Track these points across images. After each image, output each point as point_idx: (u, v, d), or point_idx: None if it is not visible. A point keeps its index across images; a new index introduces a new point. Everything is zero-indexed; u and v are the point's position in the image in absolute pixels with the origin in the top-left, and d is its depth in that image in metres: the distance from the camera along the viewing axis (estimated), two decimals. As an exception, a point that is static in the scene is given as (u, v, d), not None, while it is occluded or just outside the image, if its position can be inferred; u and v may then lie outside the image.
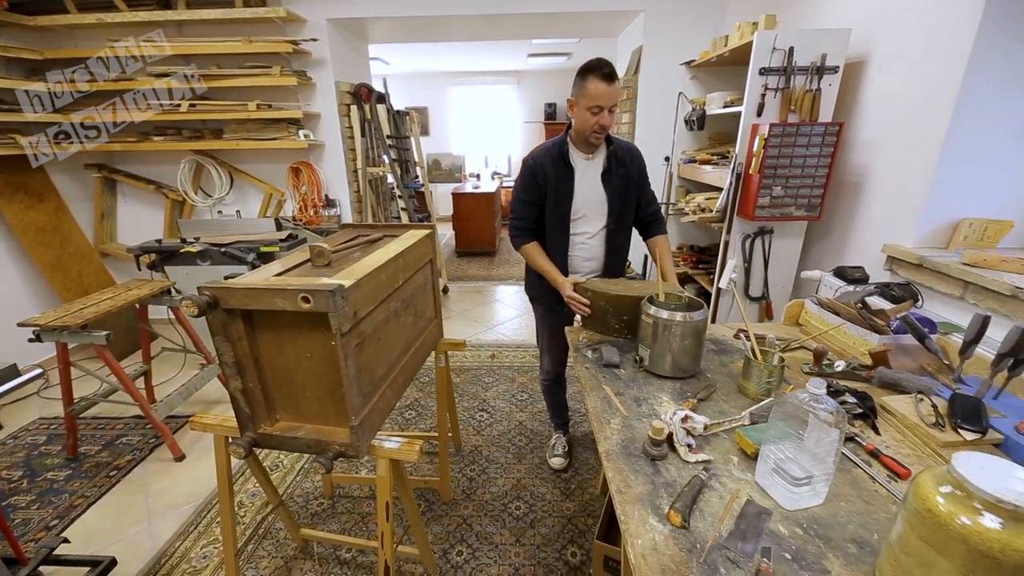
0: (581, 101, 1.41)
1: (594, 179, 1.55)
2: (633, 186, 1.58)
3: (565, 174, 1.54)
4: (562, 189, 1.55)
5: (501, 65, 6.62)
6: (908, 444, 0.99)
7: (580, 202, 1.56)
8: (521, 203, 1.60)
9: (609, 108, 1.40)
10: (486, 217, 5.46)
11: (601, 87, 1.36)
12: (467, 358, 3.02)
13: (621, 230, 1.62)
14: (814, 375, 1.26)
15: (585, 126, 1.45)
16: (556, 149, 1.55)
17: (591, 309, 1.48)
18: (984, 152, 1.50)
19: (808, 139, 1.80)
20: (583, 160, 1.55)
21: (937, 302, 1.52)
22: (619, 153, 1.55)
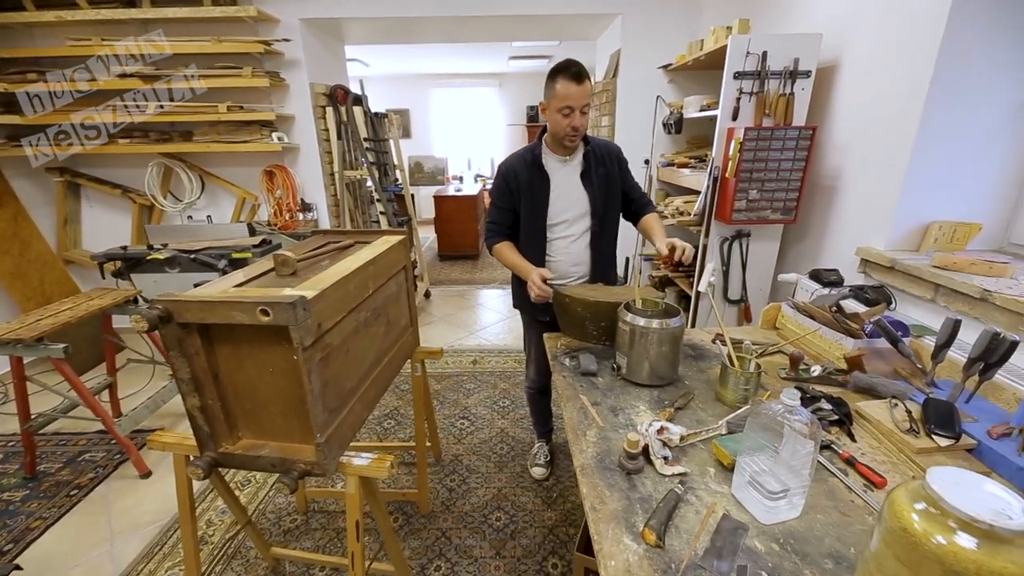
0: (552, 103, 1.39)
1: (573, 181, 1.52)
2: (616, 184, 1.56)
3: (540, 180, 1.51)
4: (537, 195, 1.52)
5: (483, 68, 6.60)
6: (883, 450, 0.98)
7: (560, 207, 1.53)
8: (496, 209, 1.59)
9: (580, 109, 1.37)
10: (468, 220, 5.42)
11: (571, 88, 1.34)
12: (448, 364, 2.97)
13: (606, 231, 1.59)
14: (790, 380, 1.25)
15: (558, 128, 1.42)
16: (529, 155, 1.52)
17: (569, 316, 1.46)
18: (952, 155, 1.52)
19: (783, 143, 1.81)
20: (559, 163, 1.53)
21: (909, 304, 1.53)
22: (597, 152, 1.53)
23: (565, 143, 1.46)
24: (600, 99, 3.28)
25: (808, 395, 1.13)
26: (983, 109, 1.47)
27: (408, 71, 6.79)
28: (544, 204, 1.52)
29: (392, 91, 7.15)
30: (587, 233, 1.57)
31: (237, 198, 3.22)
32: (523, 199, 1.53)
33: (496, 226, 1.59)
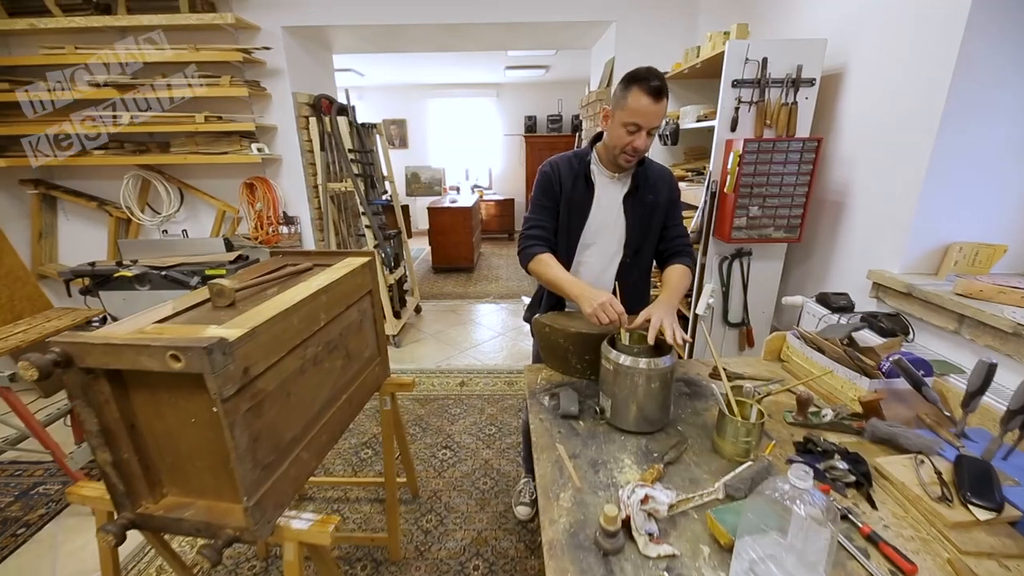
0: (618, 114, 1.21)
1: (615, 201, 1.34)
2: (660, 216, 1.37)
3: (583, 191, 1.34)
4: (576, 207, 1.35)
5: (479, 78, 6.53)
6: (910, 522, 0.83)
7: (594, 226, 1.36)
8: (539, 207, 1.37)
9: (649, 129, 1.19)
10: (463, 231, 5.29)
11: (644, 102, 1.14)
12: (434, 387, 2.82)
13: (637, 265, 1.40)
14: (798, 426, 1.10)
15: (617, 143, 1.24)
16: (577, 161, 1.35)
17: (550, 346, 1.32)
18: (972, 171, 1.38)
19: (785, 156, 1.68)
20: (606, 179, 1.35)
21: (929, 335, 1.38)
22: (649, 176, 1.35)
23: (620, 162, 1.27)
24: (595, 109, 3.17)
25: (819, 448, 0.97)
26: (1006, 121, 1.33)
27: (405, 81, 6.73)
28: (582, 219, 1.36)
29: (389, 101, 7.09)
30: (616, 263, 1.40)
31: (217, 211, 3.10)
32: (562, 206, 1.36)
33: (539, 229, 1.35)
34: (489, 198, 7.19)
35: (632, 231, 1.34)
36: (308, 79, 3.09)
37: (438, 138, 7.38)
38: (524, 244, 1.36)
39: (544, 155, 7.07)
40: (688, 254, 1.41)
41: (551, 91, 6.87)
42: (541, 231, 1.35)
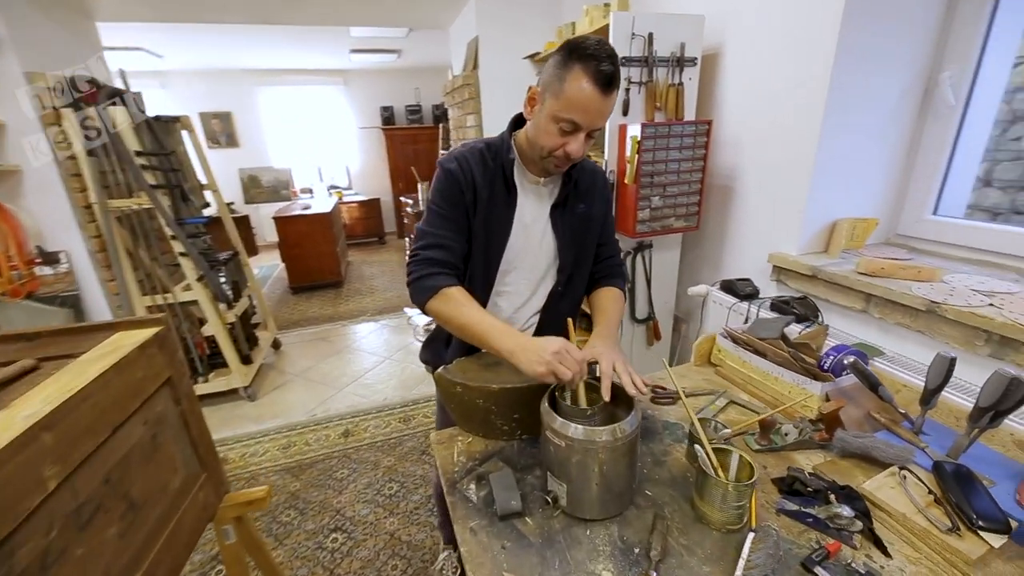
0: (550, 103, 0.86)
1: (541, 213, 1.03)
2: (595, 230, 1.09)
3: (503, 198, 1.00)
4: (495, 220, 1.00)
5: (321, 63, 5.69)
6: (928, 564, 0.70)
7: (517, 245, 1.03)
8: (440, 219, 0.98)
9: (589, 131, 0.88)
10: (324, 241, 4.56)
11: (588, 92, 0.81)
12: (310, 445, 2.26)
13: (569, 294, 1.11)
14: (765, 452, 0.95)
15: (544, 144, 0.90)
16: (493, 156, 0.99)
17: (464, 409, 0.98)
18: (851, 149, 1.41)
19: (680, 140, 1.57)
20: (529, 184, 1.02)
21: (836, 316, 1.39)
22: (580, 181, 1.04)
23: (546, 167, 0.95)
24: (462, 95, 2.84)
25: (809, 488, 0.82)
26: (876, 98, 1.37)
27: (226, 66, 5.54)
28: (502, 237, 1.01)
29: (207, 91, 5.79)
30: (546, 291, 1.09)
31: (-88, 255, 2.02)
32: (476, 220, 0.99)
33: (440, 251, 0.96)
34: (351, 199, 6.42)
35: (565, 251, 1.05)
36: (54, 56, 2.17)
37: (278, 133, 6.30)
38: (418, 270, 0.95)
39: (406, 149, 6.53)
40: (621, 275, 1.18)
41: (407, 79, 6.34)
42: (444, 253, 0.97)
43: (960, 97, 1.36)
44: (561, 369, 0.78)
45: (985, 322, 0.99)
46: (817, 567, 0.68)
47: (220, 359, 2.64)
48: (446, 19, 3.02)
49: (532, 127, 0.94)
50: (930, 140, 1.44)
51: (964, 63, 1.34)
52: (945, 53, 1.36)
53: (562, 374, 0.79)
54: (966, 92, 1.36)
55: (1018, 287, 1.11)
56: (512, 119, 1.03)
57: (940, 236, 1.44)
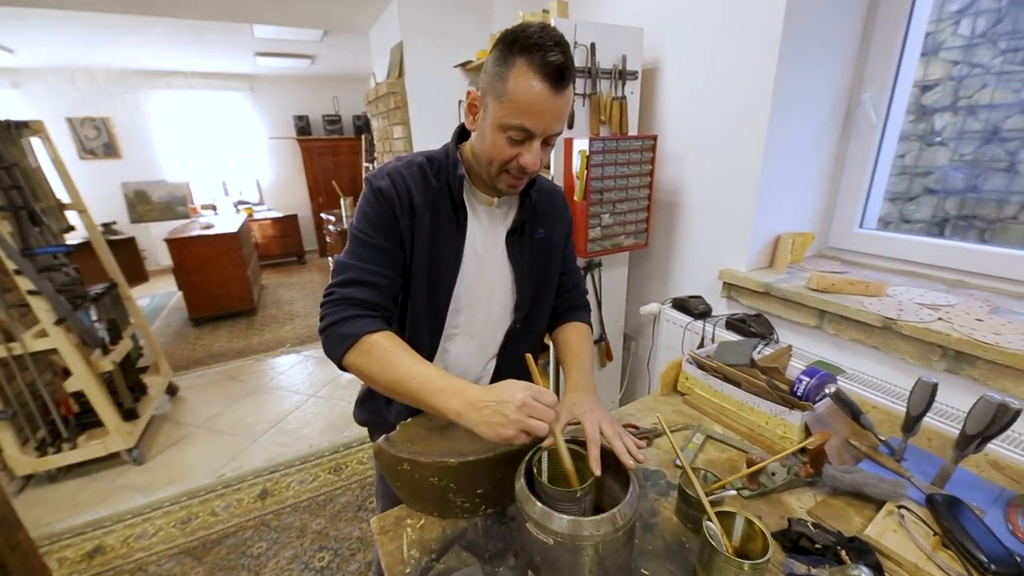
0: (494, 109, 0.71)
1: (495, 241, 0.88)
2: (557, 259, 0.95)
3: (450, 224, 0.83)
4: (441, 251, 0.83)
5: (221, 66, 5.11)
6: (952, 625, 0.63)
7: (468, 279, 0.86)
8: (366, 247, 0.79)
9: (545, 137, 0.73)
10: (231, 264, 4.02)
11: (536, 89, 0.67)
12: (217, 515, 1.88)
13: (528, 333, 0.96)
14: (756, 498, 0.87)
15: (493, 157, 0.75)
16: (436, 172, 0.82)
17: (415, 488, 0.78)
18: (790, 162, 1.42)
19: (628, 155, 1.50)
20: (481, 205, 0.86)
21: (789, 332, 1.38)
22: (540, 201, 0.90)
23: (498, 185, 0.79)
24: (387, 104, 2.62)
25: (817, 545, 0.74)
26: (808, 117, 1.40)
27: (101, 64, 4.76)
28: (452, 270, 0.84)
29: (76, 92, 4.94)
30: (503, 332, 0.93)
31: None
32: (417, 251, 0.81)
33: (363, 289, 0.77)
34: (263, 216, 5.82)
35: (523, 284, 0.90)
36: None
37: (171, 143, 5.56)
38: (333, 314, 0.75)
39: (325, 161, 6.06)
40: (586, 306, 1.06)
41: (323, 87, 5.91)
42: (369, 291, 0.78)
43: (880, 116, 1.43)
44: (533, 424, 0.62)
45: (941, 338, 0.99)
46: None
47: (94, 417, 2.15)
48: (364, 22, 2.79)
49: (477, 139, 0.79)
50: (854, 157, 1.50)
51: (882, 84, 1.40)
52: (865, 75, 1.42)
53: (535, 429, 0.62)
54: (884, 112, 1.43)
55: (954, 298, 1.15)
56: (456, 130, 0.86)
57: (867, 248, 1.50)
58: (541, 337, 1.02)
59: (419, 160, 0.83)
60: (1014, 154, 1.29)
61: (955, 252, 1.31)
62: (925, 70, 1.40)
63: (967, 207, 1.39)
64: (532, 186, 0.87)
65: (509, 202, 0.89)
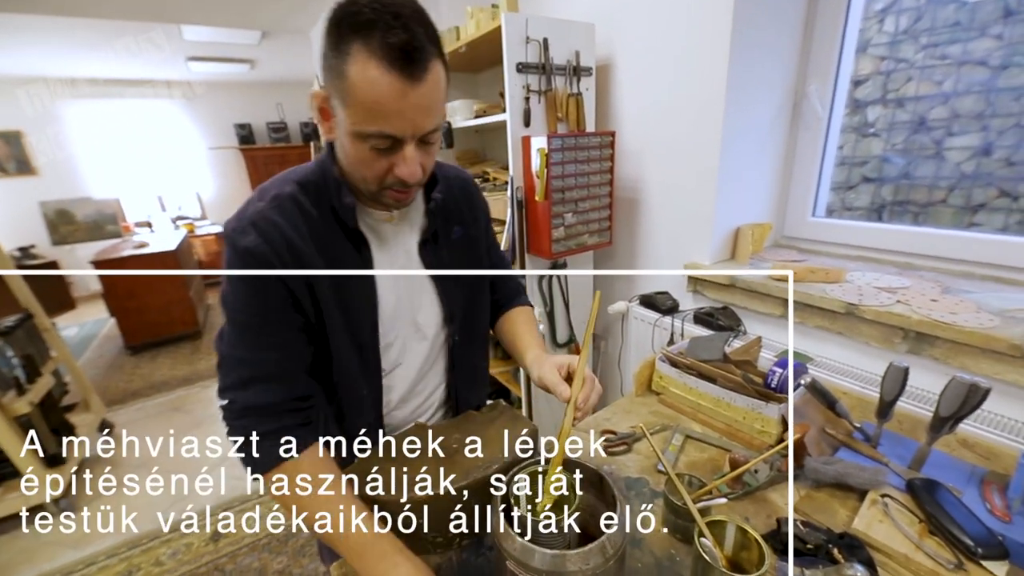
0: (341, 113, 0.57)
1: (407, 258, 0.76)
2: (481, 250, 0.86)
3: (351, 257, 0.69)
4: (351, 291, 0.70)
5: (150, 72, 4.75)
6: (946, 614, 0.62)
7: (388, 310, 0.74)
8: (253, 334, 0.64)
9: (423, 135, 0.59)
10: (172, 285, 3.73)
11: (383, 83, 0.53)
12: (164, 564, 1.69)
13: (475, 338, 0.88)
14: (739, 499, 0.84)
15: (360, 174, 0.63)
16: (316, 199, 0.67)
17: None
18: (747, 154, 1.43)
19: (588, 152, 1.47)
20: (377, 222, 0.73)
21: (755, 322, 1.38)
22: (448, 200, 0.79)
23: (384, 201, 0.67)
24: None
25: (808, 545, 0.71)
26: (759, 110, 1.42)
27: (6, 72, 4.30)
28: (369, 308, 0.72)
29: (-24, 103, 4.44)
30: (444, 351, 0.85)
31: None
32: (322, 304, 0.67)
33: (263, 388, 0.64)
34: (206, 231, 5.45)
35: (450, 295, 0.81)
36: None
37: (96, 157, 5.11)
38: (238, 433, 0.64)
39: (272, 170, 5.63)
40: (523, 291, 0.99)
41: (266, 93, 5.62)
42: (271, 389, 0.65)
43: (825, 108, 1.47)
44: None
45: (902, 320, 1.01)
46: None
47: (9, 467, 1.90)
48: (304, 23, 2.65)
49: (339, 152, 0.66)
50: (804, 148, 1.53)
51: (825, 78, 1.44)
52: (809, 68, 1.45)
53: None
54: (829, 104, 1.47)
55: (907, 280, 1.19)
56: (326, 149, 0.71)
57: (820, 236, 1.54)
58: (485, 340, 0.94)
59: (289, 191, 0.66)
60: (940, 142, 1.36)
61: (903, 236, 1.35)
62: (856, 65, 1.45)
63: (901, 193, 1.45)
64: (433, 185, 0.76)
65: (411, 212, 0.77)
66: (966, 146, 1.32)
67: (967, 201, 1.33)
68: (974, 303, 1.03)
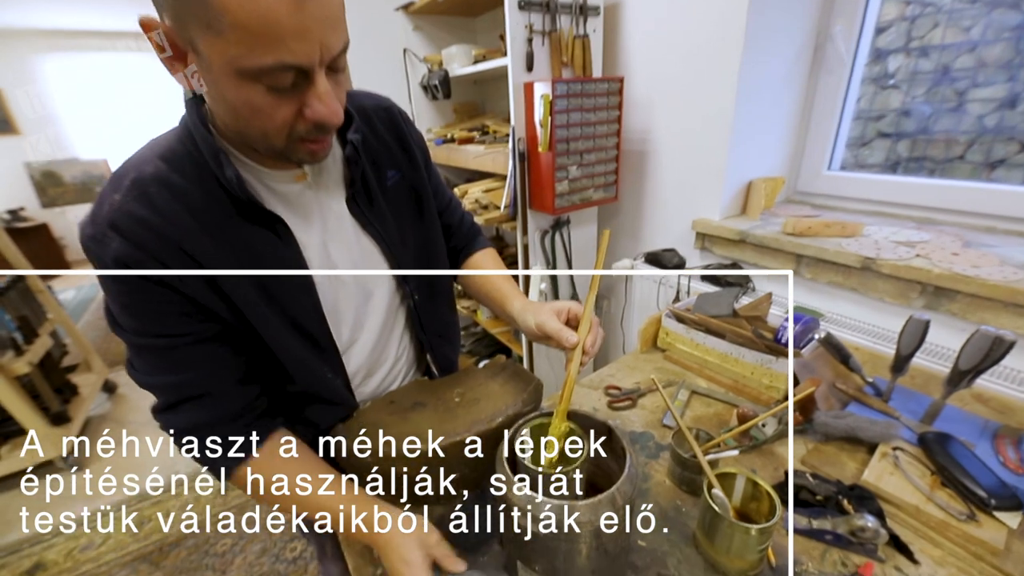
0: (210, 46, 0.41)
1: (337, 223, 0.64)
2: (426, 195, 0.74)
3: (259, 240, 0.56)
4: (273, 280, 0.58)
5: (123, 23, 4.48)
6: (954, 561, 0.62)
7: (329, 289, 0.64)
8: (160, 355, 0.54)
9: (331, 62, 0.46)
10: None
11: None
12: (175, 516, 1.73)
13: (438, 295, 0.80)
14: (747, 452, 0.83)
15: (261, 127, 0.48)
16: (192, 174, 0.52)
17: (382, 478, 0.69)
18: (762, 104, 1.35)
19: (594, 100, 1.38)
20: (286, 187, 0.60)
21: (763, 279, 1.34)
22: (371, 139, 0.66)
23: (296, 158, 0.54)
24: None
25: (817, 496, 0.70)
26: (778, 53, 1.32)
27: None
28: (303, 294, 0.61)
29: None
30: (400, 315, 0.77)
31: None
32: (239, 301, 0.55)
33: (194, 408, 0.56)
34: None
35: (399, 254, 0.70)
36: None
37: (82, 115, 4.92)
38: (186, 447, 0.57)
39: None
40: (481, 232, 0.91)
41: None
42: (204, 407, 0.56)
43: (849, 52, 1.37)
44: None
45: (921, 274, 0.97)
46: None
47: (15, 426, 1.92)
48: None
49: (213, 104, 0.51)
50: (824, 95, 1.44)
51: (851, 19, 1.33)
52: (834, 7, 1.35)
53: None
54: (853, 48, 1.37)
55: (927, 235, 1.14)
56: (190, 99, 0.55)
57: (836, 190, 1.48)
58: (449, 289, 0.86)
59: (150, 171, 0.51)
60: (963, 93, 1.28)
61: (922, 189, 1.29)
62: (881, 10, 1.34)
63: (918, 149, 1.38)
64: (348, 124, 0.62)
65: (327, 163, 0.63)
66: (990, 97, 1.24)
67: (986, 157, 1.26)
68: (997, 256, 0.99)
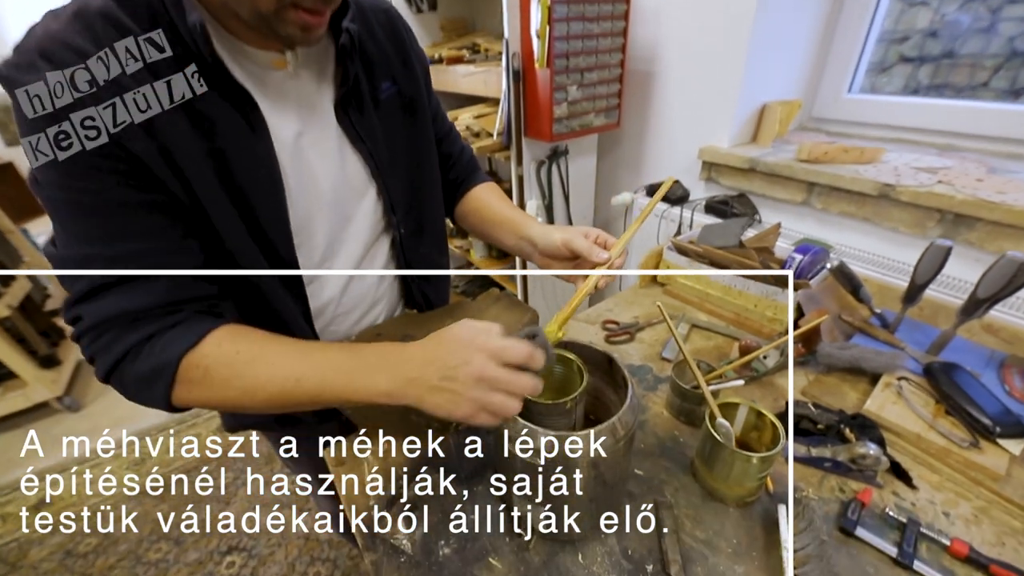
0: None
1: (321, 128, 0.55)
2: (423, 115, 0.65)
3: (225, 118, 0.45)
4: (244, 160, 0.47)
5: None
6: (952, 486, 0.62)
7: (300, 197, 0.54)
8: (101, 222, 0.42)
9: None
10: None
11: None
12: (176, 453, 1.76)
13: (431, 226, 0.72)
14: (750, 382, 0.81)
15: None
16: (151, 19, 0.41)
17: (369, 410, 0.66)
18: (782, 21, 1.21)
19: (597, 8, 1.23)
20: (264, 70, 0.49)
21: (771, 210, 1.28)
22: (368, 40, 0.57)
23: (283, 32, 0.42)
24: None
25: (819, 425, 0.68)
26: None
27: None
28: (269, 193, 0.50)
29: None
30: (383, 247, 0.68)
31: None
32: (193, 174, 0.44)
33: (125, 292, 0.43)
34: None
35: (389, 175, 0.62)
36: None
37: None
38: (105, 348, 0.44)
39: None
40: (479, 167, 0.83)
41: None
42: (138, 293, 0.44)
43: (886, -49, 1.21)
44: (498, 403, 0.43)
45: (943, 201, 0.91)
46: (858, 528, 0.55)
47: (4, 369, 1.90)
48: None
49: None
50: (851, 7, 1.30)
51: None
52: None
53: (503, 411, 0.43)
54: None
55: (950, 161, 1.07)
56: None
57: (855, 116, 1.37)
58: (441, 232, 0.77)
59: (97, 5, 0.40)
60: (996, 11, 1.15)
61: (946, 111, 1.20)
62: None
63: (940, 74, 1.27)
64: (344, 11, 0.51)
65: (314, 55, 0.53)
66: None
67: (1012, 84, 1.16)
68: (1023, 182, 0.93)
